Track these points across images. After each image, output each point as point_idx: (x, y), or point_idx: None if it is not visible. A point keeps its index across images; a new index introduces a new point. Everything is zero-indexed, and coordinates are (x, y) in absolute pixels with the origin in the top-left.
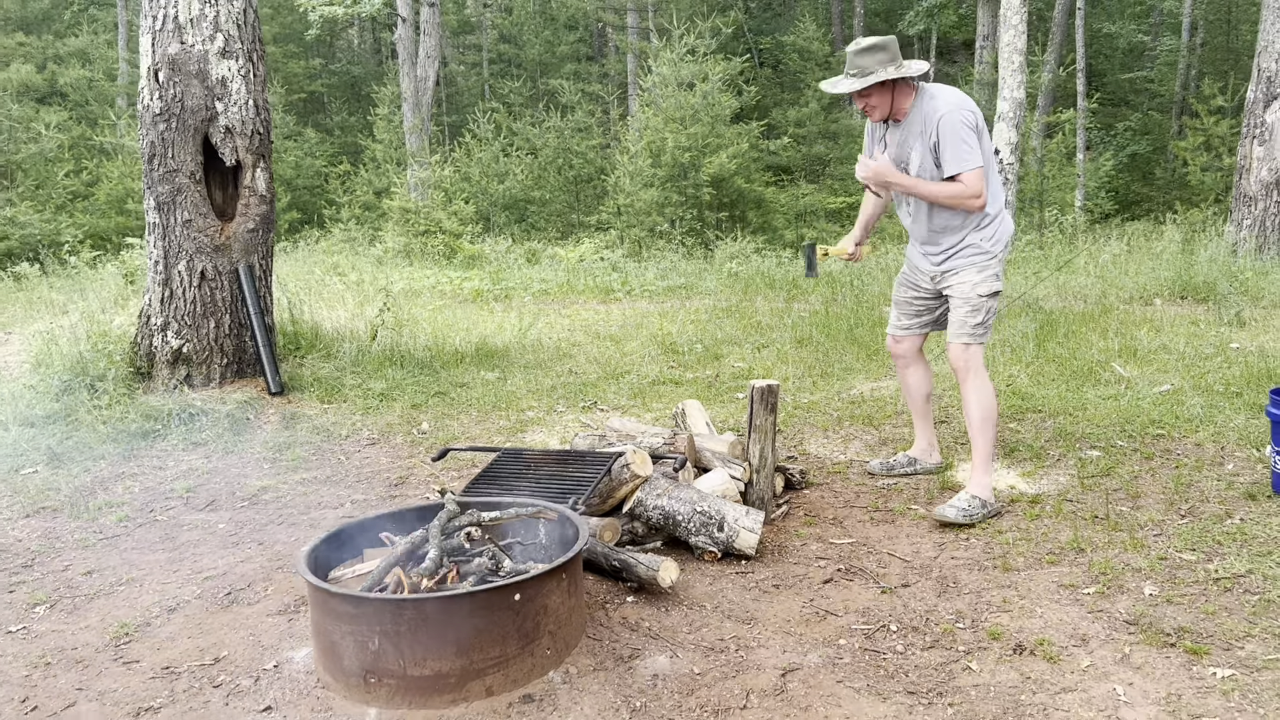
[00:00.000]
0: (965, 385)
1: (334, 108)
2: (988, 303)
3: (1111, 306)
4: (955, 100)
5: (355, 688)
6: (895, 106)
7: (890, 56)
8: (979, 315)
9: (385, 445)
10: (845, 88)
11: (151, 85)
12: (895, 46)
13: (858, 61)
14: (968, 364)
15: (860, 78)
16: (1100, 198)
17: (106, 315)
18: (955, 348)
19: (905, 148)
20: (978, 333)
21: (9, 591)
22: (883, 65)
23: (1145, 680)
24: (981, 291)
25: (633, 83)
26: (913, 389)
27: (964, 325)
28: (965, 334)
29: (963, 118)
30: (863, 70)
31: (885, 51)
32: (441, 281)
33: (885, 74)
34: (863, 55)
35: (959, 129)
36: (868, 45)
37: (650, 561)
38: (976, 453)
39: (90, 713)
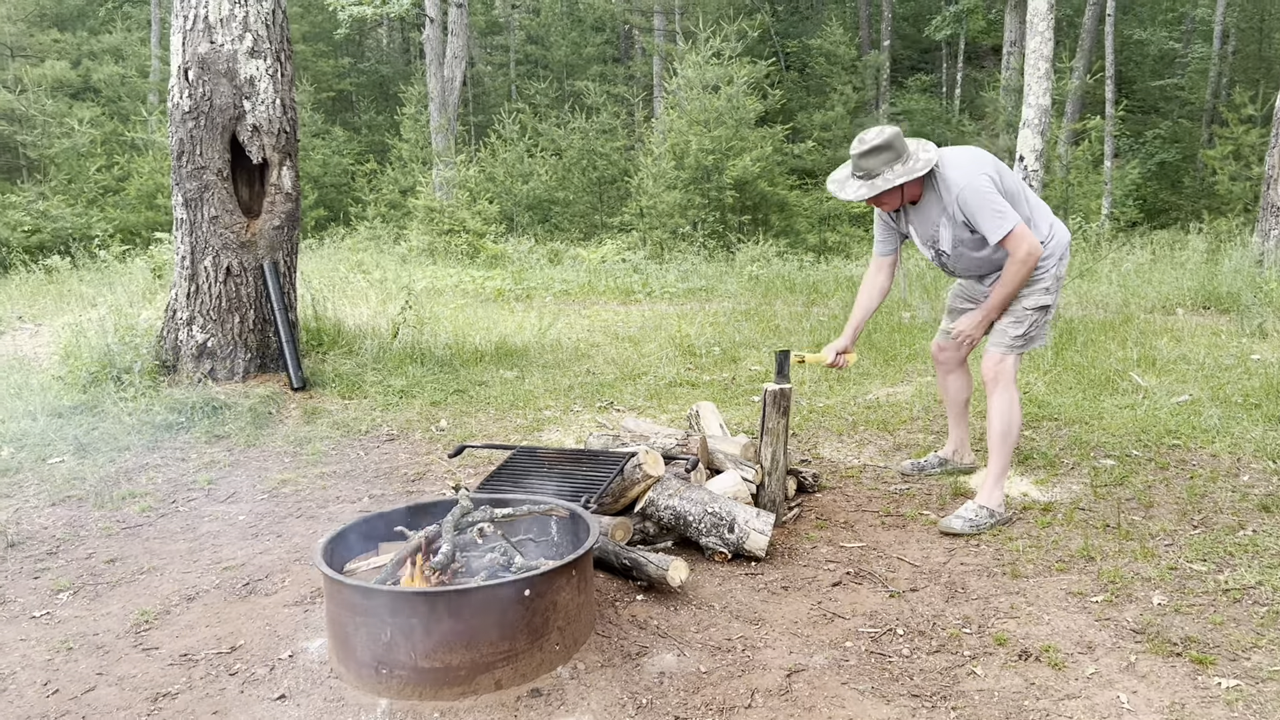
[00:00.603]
0: (993, 395)
1: (362, 106)
2: (1033, 315)
3: (1133, 315)
4: (966, 169)
5: (367, 678)
6: (907, 196)
7: (895, 154)
8: (1021, 326)
9: (404, 441)
10: (854, 195)
11: (181, 84)
12: (899, 140)
13: (863, 164)
14: (999, 374)
15: (867, 180)
16: (1127, 206)
17: (134, 309)
18: (992, 354)
19: (930, 226)
20: (1016, 344)
21: (34, 577)
22: (889, 165)
23: (1149, 689)
24: (1028, 305)
25: (658, 85)
26: (952, 393)
27: (1004, 334)
28: (1004, 342)
29: (978, 185)
30: (869, 172)
31: (890, 150)
32: (464, 280)
33: (894, 179)
34: (867, 158)
35: (982, 197)
36: (871, 147)
37: (660, 561)
38: (992, 465)
39: (109, 697)
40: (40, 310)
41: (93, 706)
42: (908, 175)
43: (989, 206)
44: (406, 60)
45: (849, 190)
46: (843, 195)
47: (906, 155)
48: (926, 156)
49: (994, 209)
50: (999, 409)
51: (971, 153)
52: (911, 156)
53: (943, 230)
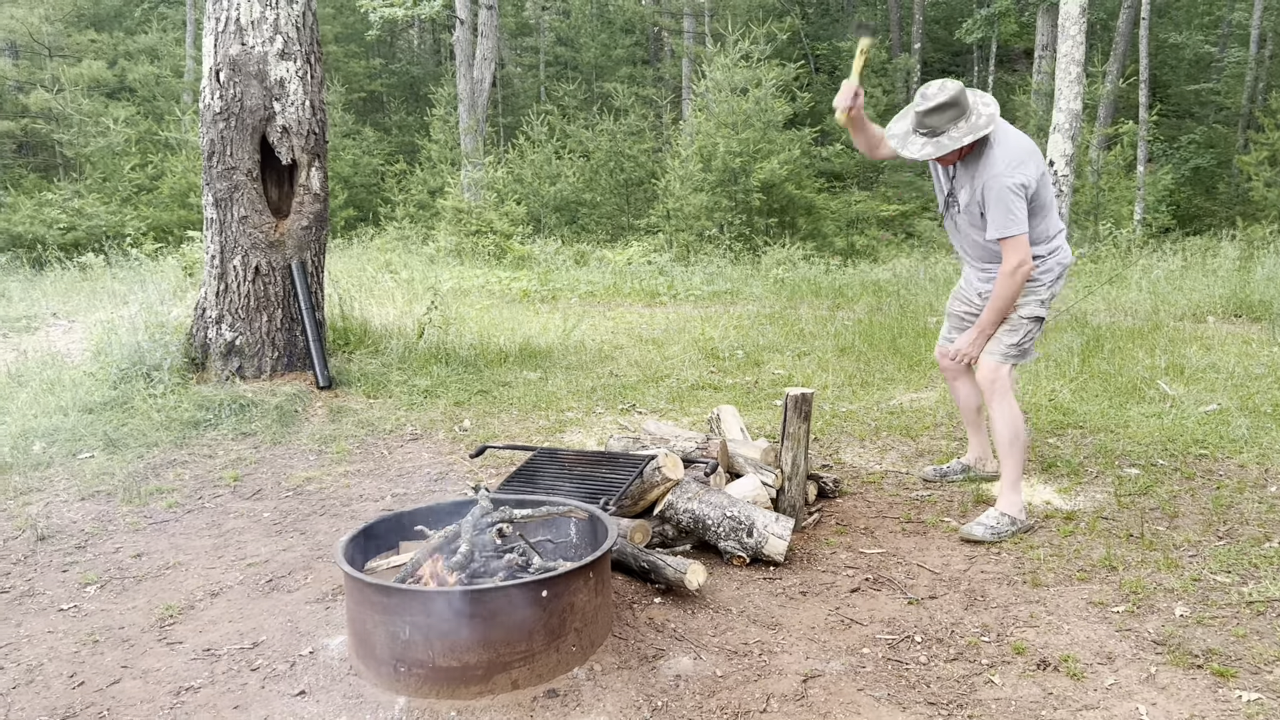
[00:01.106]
0: (991, 405)
1: (392, 107)
2: (1028, 325)
3: (1162, 323)
4: (1010, 159)
5: (386, 676)
6: (965, 153)
7: (960, 111)
8: (1016, 334)
9: (427, 441)
10: (918, 154)
11: (213, 85)
12: (963, 96)
13: (927, 121)
14: (994, 383)
15: (932, 138)
16: (1159, 212)
17: (165, 306)
18: (987, 363)
19: (960, 182)
20: (1011, 352)
21: (62, 571)
22: (953, 123)
23: (1169, 701)
24: (1023, 314)
25: (686, 87)
26: (963, 401)
27: (999, 342)
28: (999, 351)
29: (1011, 183)
30: (934, 130)
31: (955, 107)
32: (490, 281)
33: (961, 139)
34: (931, 115)
35: (1005, 195)
36: (936, 104)
37: (678, 564)
38: (1006, 472)
39: (134, 690)
40: (74, 307)
41: (117, 699)
42: (972, 134)
43: (1006, 205)
44: (437, 61)
45: (912, 148)
46: (906, 153)
47: (969, 110)
48: (988, 112)
49: (1009, 209)
50: (1001, 417)
51: (1022, 148)
52: (973, 111)
53: (963, 192)
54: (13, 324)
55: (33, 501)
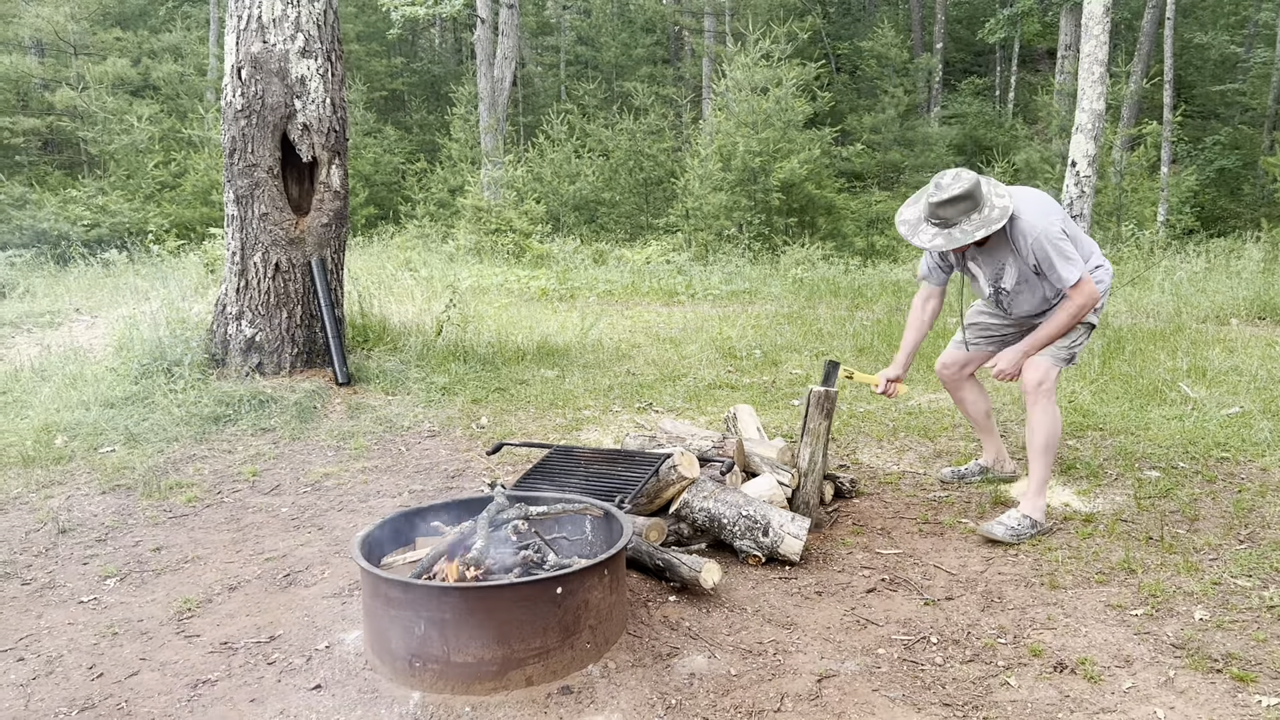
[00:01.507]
0: (1034, 407)
1: (413, 106)
2: (1080, 330)
3: (1184, 325)
4: (1042, 216)
5: (401, 671)
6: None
7: (974, 203)
8: (1068, 339)
9: (445, 438)
10: (930, 244)
11: (234, 82)
12: (978, 189)
13: (940, 213)
14: (1041, 384)
15: (944, 230)
16: (1183, 213)
17: (186, 303)
18: (1039, 365)
19: (997, 266)
20: (1062, 355)
21: (83, 563)
22: (966, 215)
23: (1188, 705)
24: None
25: (707, 86)
26: (970, 408)
27: (1055, 347)
28: (1049, 353)
29: (1054, 233)
30: (946, 221)
31: (969, 200)
32: (509, 280)
33: (975, 233)
34: (945, 207)
35: (1058, 245)
36: (950, 197)
37: (693, 562)
38: (1034, 475)
39: (152, 682)
40: (97, 302)
41: (136, 691)
42: (985, 228)
43: (1063, 254)
44: (458, 60)
45: (923, 237)
46: (917, 241)
47: (983, 203)
48: (1002, 204)
49: (1067, 256)
50: (1042, 422)
51: (1041, 199)
52: (986, 204)
53: (1008, 270)
54: (37, 319)
55: (54, 495)
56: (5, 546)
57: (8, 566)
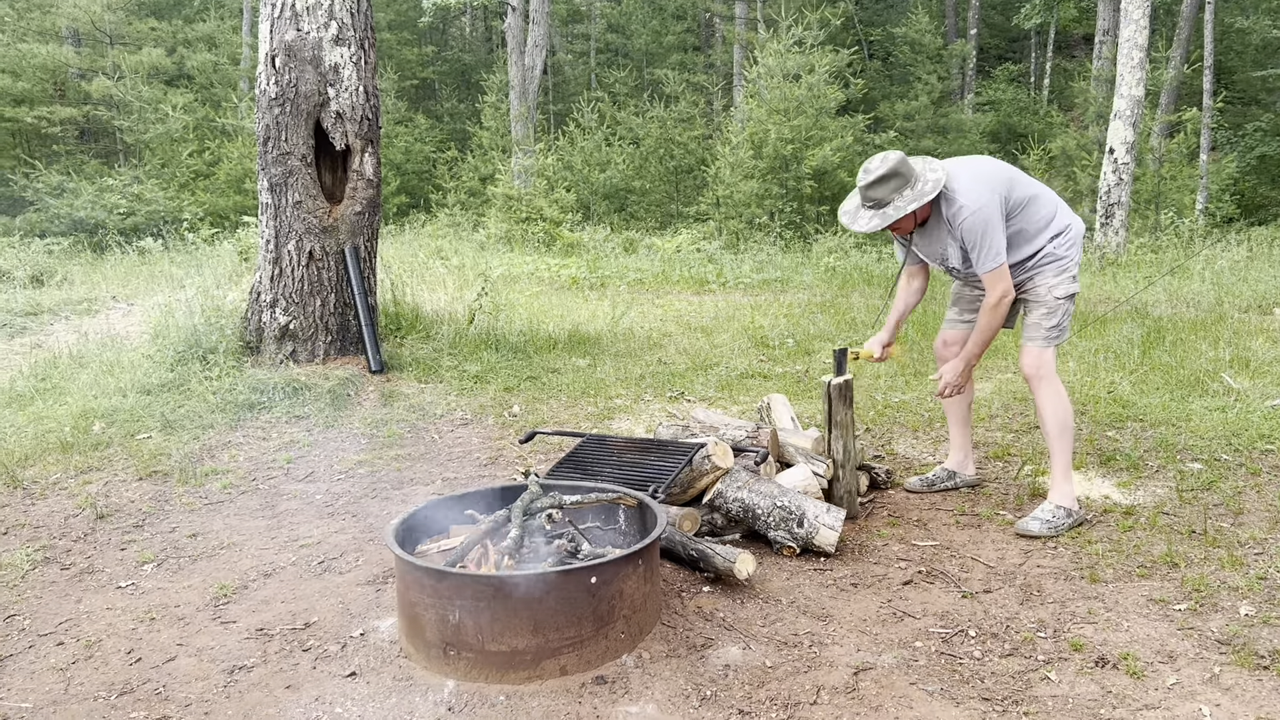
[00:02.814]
0: (1039, 393)
1: (444, 94)
2: (1064, 304)
3: (1226, 314)
4: (975, 191)
5: (435, 659)
6: (918, 216)
7: (903, 180)
8: (1054, 317)
9: (477, 426)
10: (866, 226)
11: (268, 71)
12: (905, 165)
13: (871, 195)
14: (1040, 369)
15: (879, 210)
16: (1223, 200)
17: (221, 290)
18: (1030, 351)
19: (939, 245)
20: (1053, 335)
21: (121, 549)
22: (897, 192)
23: (1234, 702)
24: (1059, 294)
25: (738, 74)
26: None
27: (1039, 328)
28: (1040, 337)
29: (984, 214)
30: (878, 202)
31: (898, 177)
32: (540, 268)
33: (905, 206)
34: (875, 188)
35: (983, 227)
36: (877, 177)
37: (727, 553)
38: (1055, 463)
39: (189, 667)
40: (133, 290)
41: (173, 676)
42: (917, 200)
43: (986, 239)
44: (489, 49)
45: (861, 222)
46: (855, 227)
47: (914, 179)
48: (935, 177)
49: (990, 241)
50: (1049, 404)
51: (981, 168)
52: (919, 179)
53: (950, 251)
54: (74, 306)
55: (92, 480)
56: (45, 532)
57: (47, 551)
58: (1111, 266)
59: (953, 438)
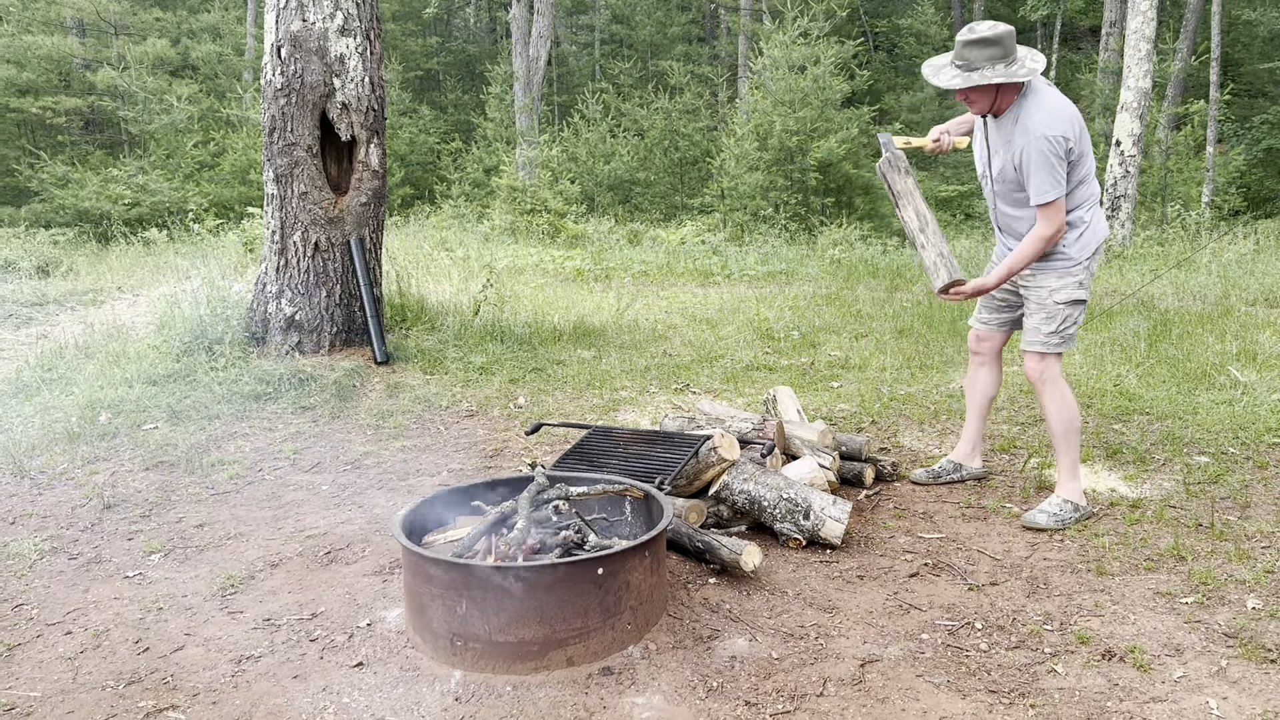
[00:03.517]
0: (1042, 396)
1: (448, 85)
2: (1065, 310)
3: (1233, 308)
4: (1050, 119)
5: (442, 649)
6: (998, 104)
7: (1003, 53)
8: (1054, 323)
9: (483, 417)
10: (947, 82)
11: (274, 61)
12: (1010, 40)
13: (965, 54)
14: (1042, 375)
15: (965, 71)
16: (1229, 193)
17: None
18: (1030, 357)
19: (993, 146)
20: (1052, 342)
21: (128, 539)
22: (991, 63)
23: (1241, 695)
24: (1059, 299)
25: (743, 65)
26: (980, 387)
27: (1037, 333)
28: (1039, 342)
29: (1052, 147)
30: (969, 64)
31: (998, 47)
32: (544, 260)
33: (992, 76)
34: (971, 48)
35: (1046, 157)
36: (979, 38)
37: (733, 545)
38: (1063, 460)
39: (196, 657)
40: (138, 281)
41: (181, 665)
42: (1006, 78)
43: (1047, 168)
44: (493, 40)
45: (943, 77)
46: (935, 80)
47: (1013, 57)
48: (1033, 66)
49: (1052, 169)
50: (1054, 409)
51: (1066, 106)
52: (1019, 61)
53: (997, 157)
54: (80, 297)
55: (100, 470)
56: (52, 521)
57: (55, 541)
58: (1118, 259)
59: (966, 429)
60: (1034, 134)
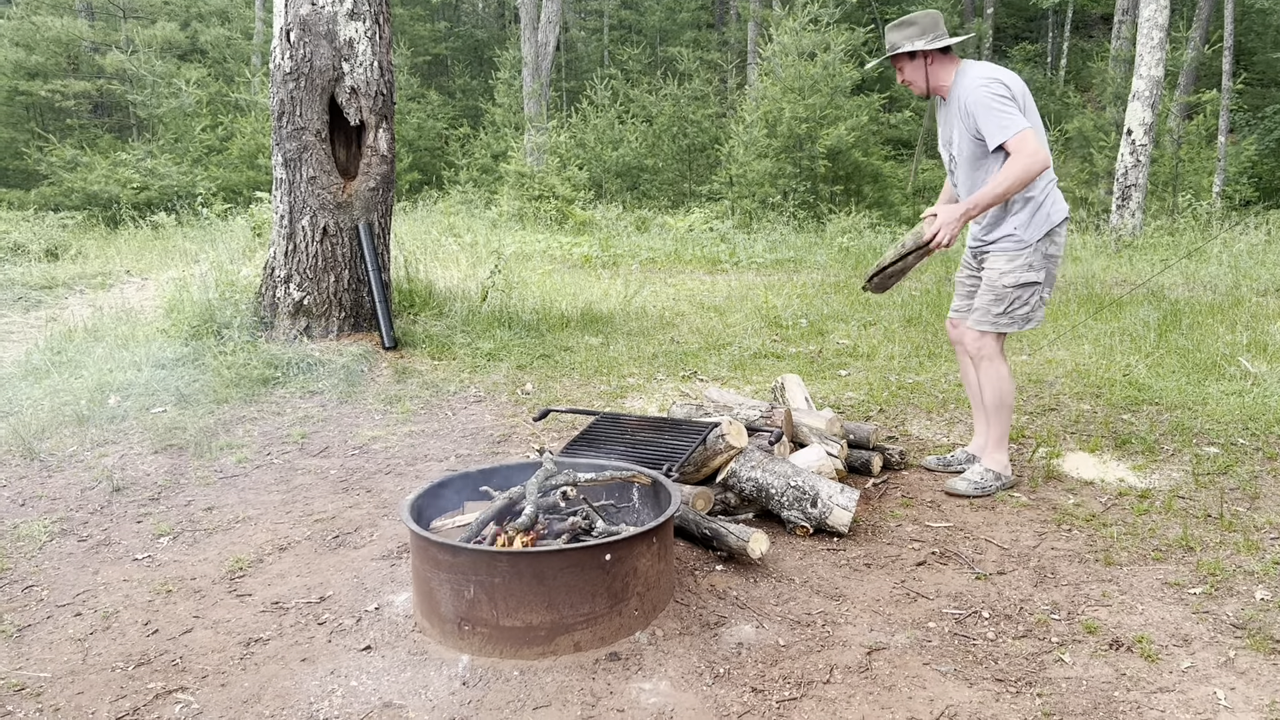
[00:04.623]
0: (980, 370)
1: (457, 71)
2: (1015, 293)
3: (1243, 298)
4: (981, 74)
5: (450, 634)
6: (933, 83)
7: (920, 30)
8: (1002, 305)
9: (490, 403)
10: (873, 62)
11: (283, 45)
12: (930, 20)
13: (890, 37)
14: (980, 350)
15: (891, 53)
16: (1241, 183)
17: (234, 265)
18: (970, 333)
19: (949, 127)
20: (1000, 322)
21: (137, 521)
22: (910, 40)
23: (1249, 686)
24: (1008, 282)
25: (752, 51)
26: (972, 379)
27: (985, 312)
28: (985, 321)
29: (990, 89)
30: (893, 46)
31: (915, 26)
32: (552, 246)
33: (906, 45)
34: (894, 31)
35: (989, 100)
36: (900, 21)
37: (741, 532)
38: (991, 431)
39: (205, 639)
40: (146, 264)
41: (190, 648)
42: (921, 43)
43: (995, 109)
44: (501, 25)
45: (873, 62)
46: (867, 65)
47: (931, 35)
48: (949, 40)
49: (1001, 110)
50: (988, 384)
51: (999, 69)
52: (939, 35)
53: (955, 133)
54: (89, 280)
55: (109, 453)
56: (62, 503)
57: (64, 523)
58: (1128, 249)
59: (976, 422)
60: (969, 89)
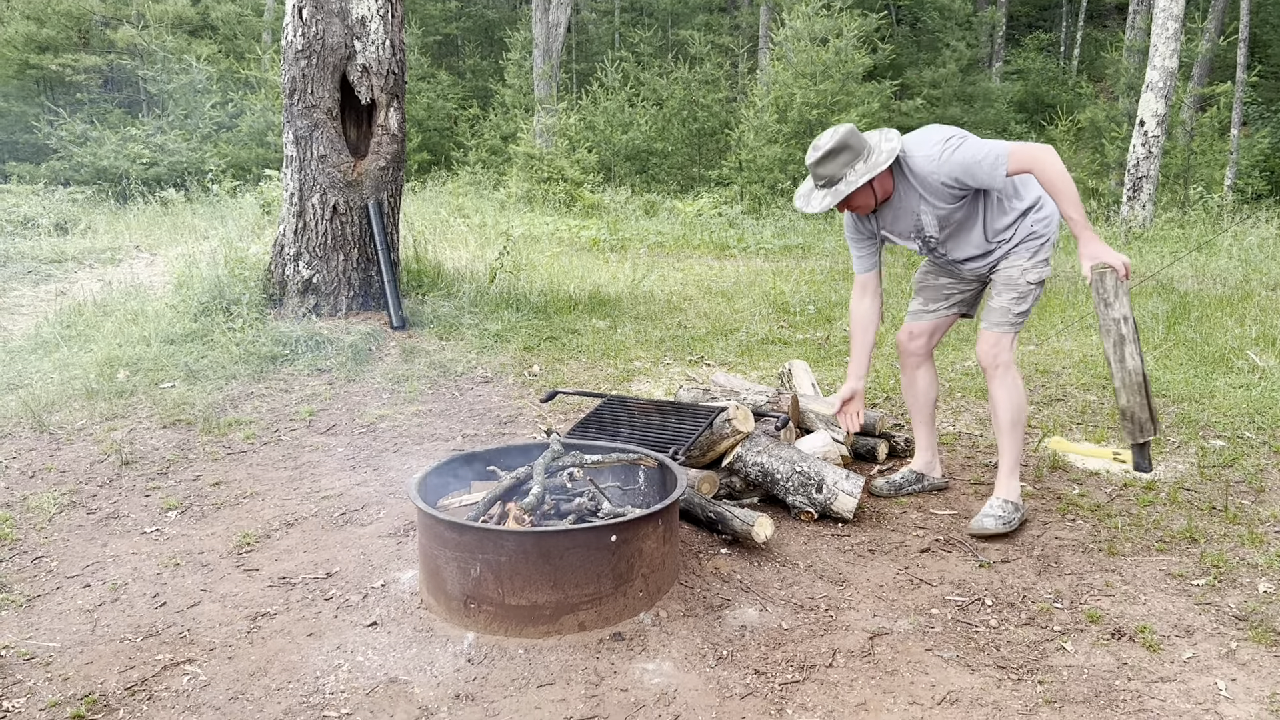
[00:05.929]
0: (994, 381)
1: (467, 51)
2: (1035, 290)
3: (1253, 292)
4: (933, 144)
5: (456, 611)
6: (880, 192)
7: (854, 153)
8: (1025, 302)
9: (497, 384)
10: (820, 206)
11: (295, 22)
12: (854, 138)
13: (821, 172)
14: (997, 356)
15: (830, 187)
16: (1253, 177)
17: (244, 243)
18: (989, 336)
19: (910, 218)
20: (1018, 322)
21: (145, 495)
22: (849, 166)
23: (1250, 677)
24: (1031, 278)
25: (764, 36)
26: (921, 392)
27: (1007, 312)
28: (1005, 322)
29: (949, 145)
30: (830, 180)
31: (848, 150)
32: (560, 229)
33: (858, 179)
34: (824, 164)
35: (963, 153)
36: (825, 152)
37: (746, 516)
38: (1004, 456)
39: (212, 613)
40: (155, 240)
41: (197, 620)
42: (870, 172)
43: (972, 157)
44: (512, 5)
45: (815, 203)
46: (808, 209)
47: (867, 151)
48: (889, 147)
49: (976, 155)
50: (1004, 395)
51: (930, 131)
52: (873, 150)
53: (925, 217)
54: (98, 255)
55: (118, 428)
56: (71, 476)
57: (74, 496)
58: (1138, 240)
59: (917, 437)
60: (931, 167)
